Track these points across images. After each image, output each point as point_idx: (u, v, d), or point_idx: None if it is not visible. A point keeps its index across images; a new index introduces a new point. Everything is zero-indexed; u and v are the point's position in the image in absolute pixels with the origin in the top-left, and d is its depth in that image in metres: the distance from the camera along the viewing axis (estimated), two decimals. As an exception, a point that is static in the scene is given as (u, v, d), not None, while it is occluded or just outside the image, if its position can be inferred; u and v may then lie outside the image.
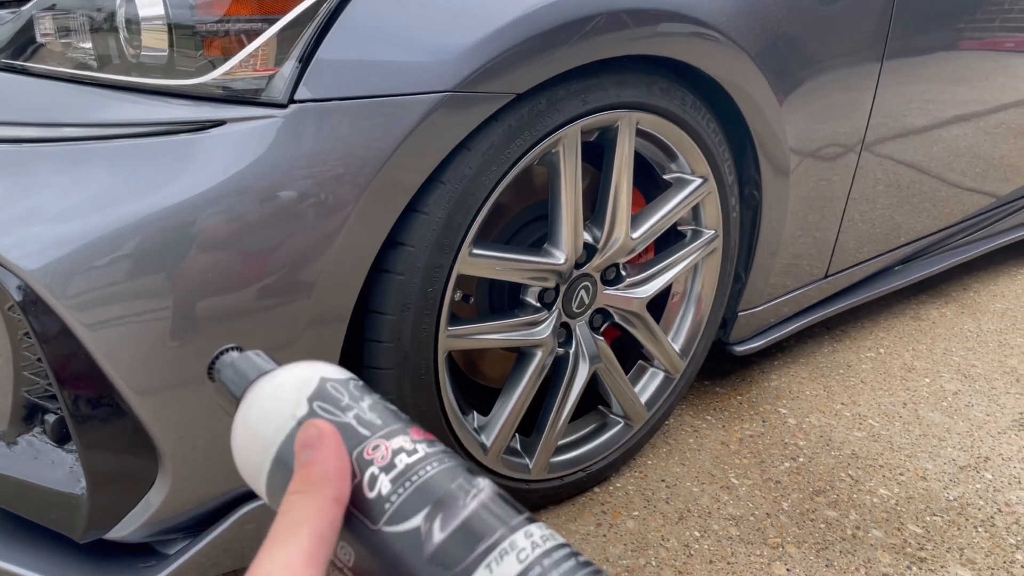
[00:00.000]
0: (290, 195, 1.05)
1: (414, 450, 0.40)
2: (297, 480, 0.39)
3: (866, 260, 2.05)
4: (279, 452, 0.43)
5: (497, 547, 0.35)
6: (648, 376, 1.61)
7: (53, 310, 1.00)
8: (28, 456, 1.15)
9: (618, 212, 1.34)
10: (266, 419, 0.44)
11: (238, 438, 0.46)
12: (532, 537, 0.36)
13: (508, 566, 0.34)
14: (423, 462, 0.39)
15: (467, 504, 0.37)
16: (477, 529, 0.36)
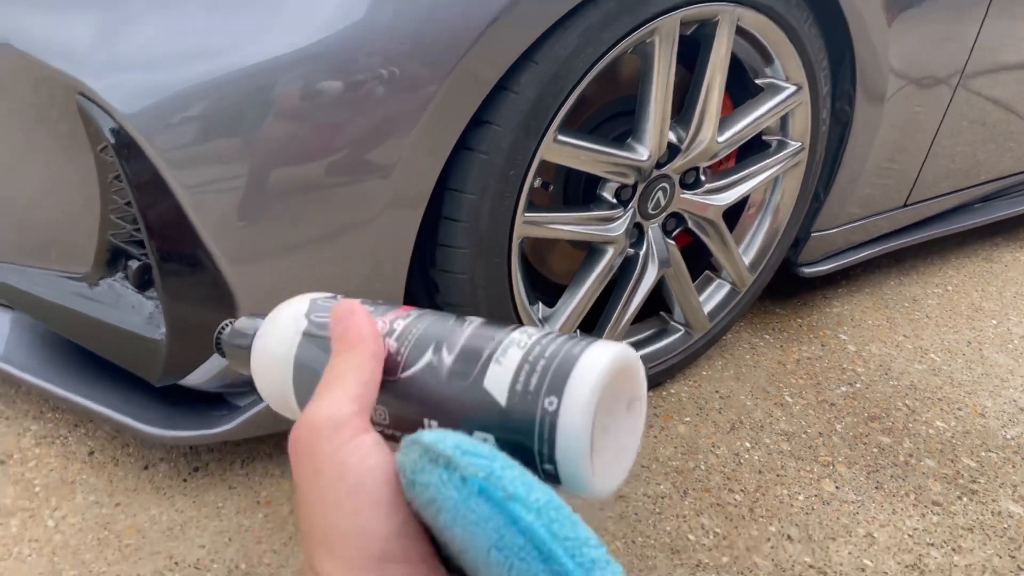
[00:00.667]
0: (376, 68, 1.04)
1: (407, 315, 0.45)
2: (337, 345, 0.43)
3: (944, 194, 1.99)
4: (296, 361, 0.47)
5: (500, 346, 0.39)
6: (714, 287, 1.60)
7: (147, 157, 1.01)
8: (109, 299, 1.18)
9: (707, 113, 1.30)
10: (275, 347, 0.49)
11: (260, 378, 0.51)
12: (526, 332, 0.40)
13: (512, 354, 0.38)
14: (416, 321, 0.44)
15: (464, 331, 0.42)
16: (478, 343, 0.41)
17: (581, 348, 0.38)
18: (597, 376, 0.36)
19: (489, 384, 0.38)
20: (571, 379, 0.36)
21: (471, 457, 0.34)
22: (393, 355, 0.43)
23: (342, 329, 0.43)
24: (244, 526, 1.19)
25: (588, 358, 0.37)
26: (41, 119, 1.11)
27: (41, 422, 1.32)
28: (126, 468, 1.26)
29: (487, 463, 0.33)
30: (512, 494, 0.32)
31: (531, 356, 0.38)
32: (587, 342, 0.38)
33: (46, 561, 1.10)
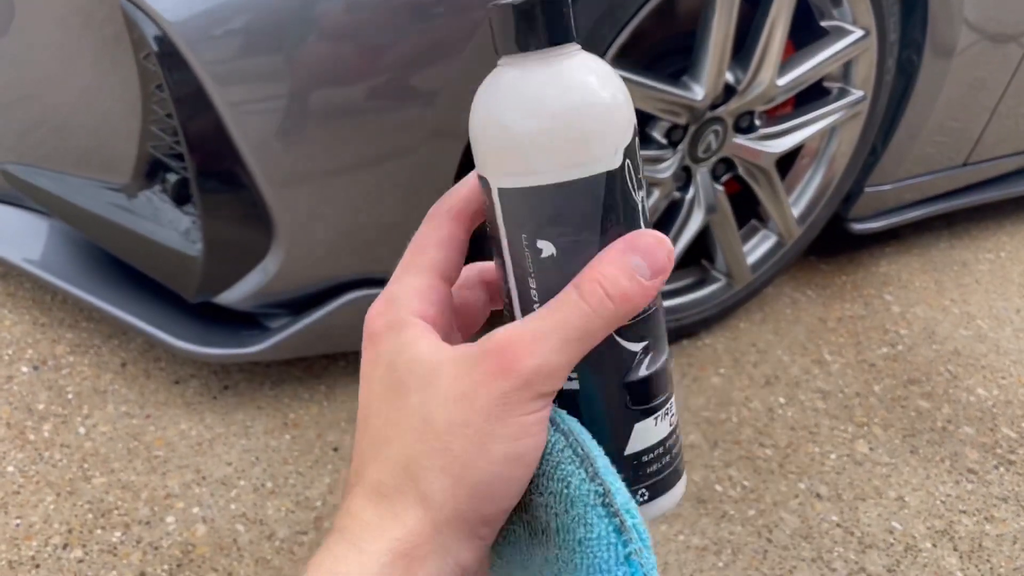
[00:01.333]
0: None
1: None
2: (614, 292, 0.34)
3: (1005, 156, 1.91)
4: (574, 184, 0.34)
5: (664, 406, 0.38)
6: (759, 237, 1.56)
7: (190, 68, 0.99)
8: (147, 212, 1.17)
9: (768, 53, 1.25)
10: (588, 125, 0.34)
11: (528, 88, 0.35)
12: (674, 405, 0.40)
13: (664, 426, 0.39)
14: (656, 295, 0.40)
15: (665, 350, 0.39)
16: (661, 382, 0.38)
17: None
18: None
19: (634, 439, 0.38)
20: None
21: (637, 527, 0.33)
22: None
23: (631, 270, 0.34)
24: (271, 446, 1.19)
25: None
26: (87, 23, 1.09)
27: (76, 331, 1.33)
28: (157, 381, 1.26)
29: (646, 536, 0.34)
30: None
31: (669, 441, 0.40)
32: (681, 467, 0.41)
33: (76, 467, 1.11)
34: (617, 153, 0.35)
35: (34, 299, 1.37)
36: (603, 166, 0.34)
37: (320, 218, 1.11)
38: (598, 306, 0.33)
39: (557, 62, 0.35)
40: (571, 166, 0.34)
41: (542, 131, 0.34)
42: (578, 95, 0.34)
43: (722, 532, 1.17)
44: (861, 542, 1.18)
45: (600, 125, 0.34)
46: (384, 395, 0.35)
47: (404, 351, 0.35)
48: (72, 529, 1.03)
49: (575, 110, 0.34)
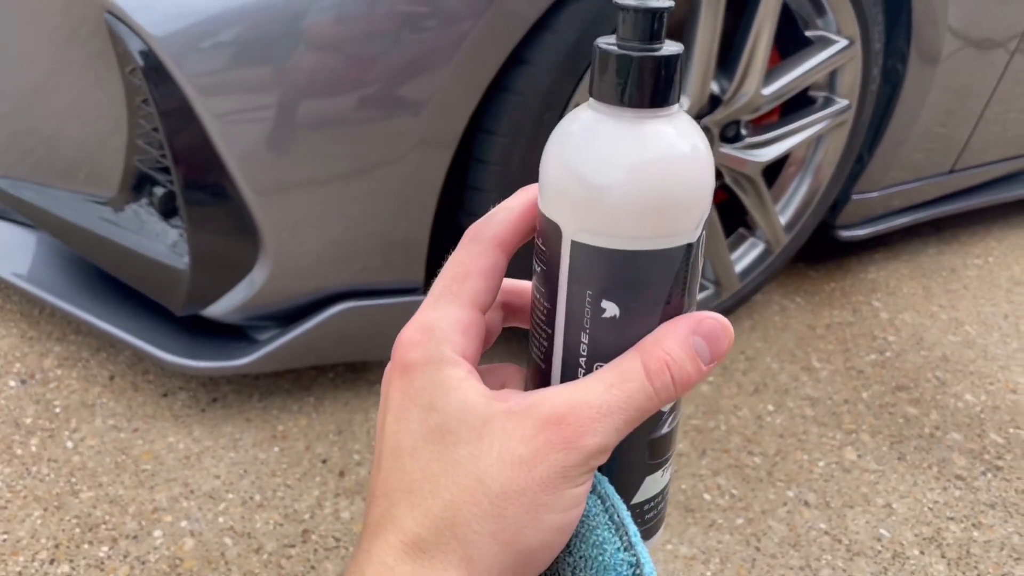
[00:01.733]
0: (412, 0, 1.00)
1: None
2: (679, 378, 0.33)
3: (992, 162, 1.92)
4: (659, 253, 0.33)
5: (671, 457, 0.39)
6: (747, 245, 1.57)
7: (175, 82, 0.99)
8: (133, 225, 1.17)
9: (753, 63, 1.25)
10: (684, 197, 0.33)
11: (624, 146, 0.32)
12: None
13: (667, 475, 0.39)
14: None
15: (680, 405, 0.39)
16: (676, 436, 0.39)
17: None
18: None
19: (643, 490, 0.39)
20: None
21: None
22: None
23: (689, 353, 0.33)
24: (260, 459, 1.19)
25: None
26: (72, 37, 1.09)
27: (64, 344, 1.32)
28: (145, 394, 1.26)
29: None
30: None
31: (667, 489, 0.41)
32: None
33: (64, 481, 1.11)
34: (699, 227, 0.34)
35: (22, 312, 1.37)
36: (686, 239, 0.33)
37: (307, 230, 1.11)
38: (662, 389, 0.33)
39: (661, 123, 0.32)
40: (658, 236, 0.33)
41: (637, 196, 0.32)
42: (679, 165, 0.33)
43: (710, 541, 1.18)
44: (849, 550, 1.19)
45: (693, 199, 0.33)
46: (425, 437, 0.33)
47: (449, 394, 0.33)
48: (59, 544, 1.03)
49: (674, 180, 0.32)
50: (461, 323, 0.35)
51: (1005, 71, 1.67)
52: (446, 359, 0.34)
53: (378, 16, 1.01)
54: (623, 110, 0.32)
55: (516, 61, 1.08)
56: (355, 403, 1.32)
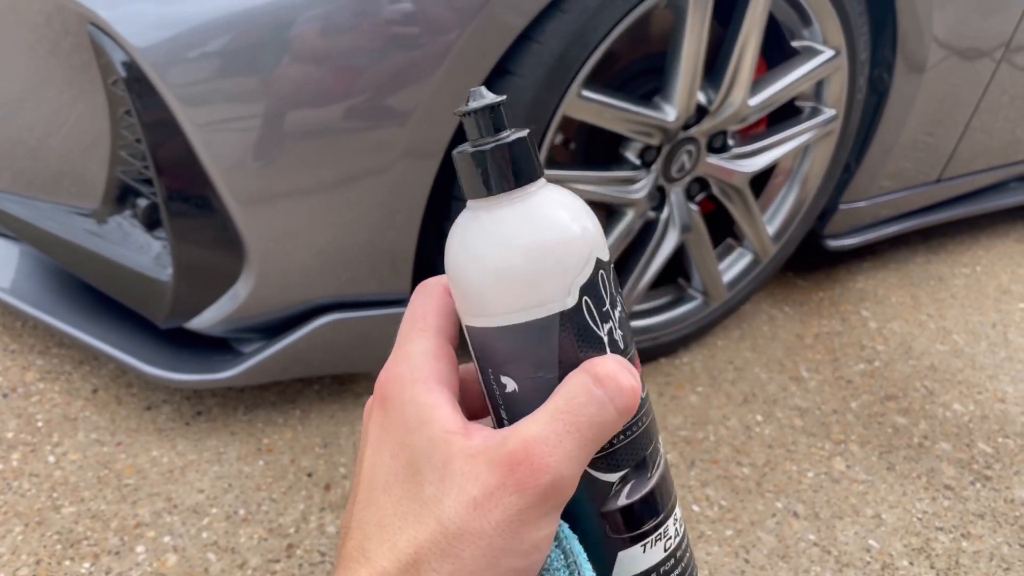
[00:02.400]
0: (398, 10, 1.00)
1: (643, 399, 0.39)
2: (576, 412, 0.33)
3: (979, 172, 1.93)
4: (529, 325, 0.35)
5: (655, 532, 0.38)
6: (735, 256, 1.56)
7: (158, 93, 0.98)
8: (117, 237, 1.16)
9: (739, 73, 1.25)
10: (533, 270, 0.34)
11: (476, 237, 0.35)
12: (676, 523, 0.39)
13: (656, 552, 0.37)
14: (642, 414, 0.38)
15: (652, 476, 0.38)
16: (648, 509, 0.37)
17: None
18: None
19: (620, 567, 0.38)
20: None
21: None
22: None
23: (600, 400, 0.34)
24: (244, 472, 1.18)
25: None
26: (54, 50, 1.08)
27: (46, 357, 1.31)
28: (129, 408, 1.25)
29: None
30: None
31: (666, 566, 0.39)
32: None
33: (45, 496, 1.09)
34: (571, 293, 0.34)
35: (3, 325, 1.36)
36: (555, 307, 0.34)
37: (292, 241, 1.10)
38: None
39: (510, 204, 0.35)
40: (519, 310, 0.34)
41: (489, 277, 0.34)
42: (524, 240, 0.34)
43: (699, 553, 1.17)
44: (838, 561, 1.18)
45: (547, 270, 0.34)
46: (396, 473, 0.34)
47: (421, 429, 0.34)
48: (40, 560, 1.02)
49: (521, 254, 0.34)
50: (432, 350, 0.37)
51: (991, 81, 1.68)
52: (421, 384, 0.35)
53: (364, 27, 1.01)
54: (488, 200, 0.35)
55: (502, 72, 1.08)
56: (341, 416, 1.31)
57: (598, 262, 0.35)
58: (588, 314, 0.35)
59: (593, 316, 0.35)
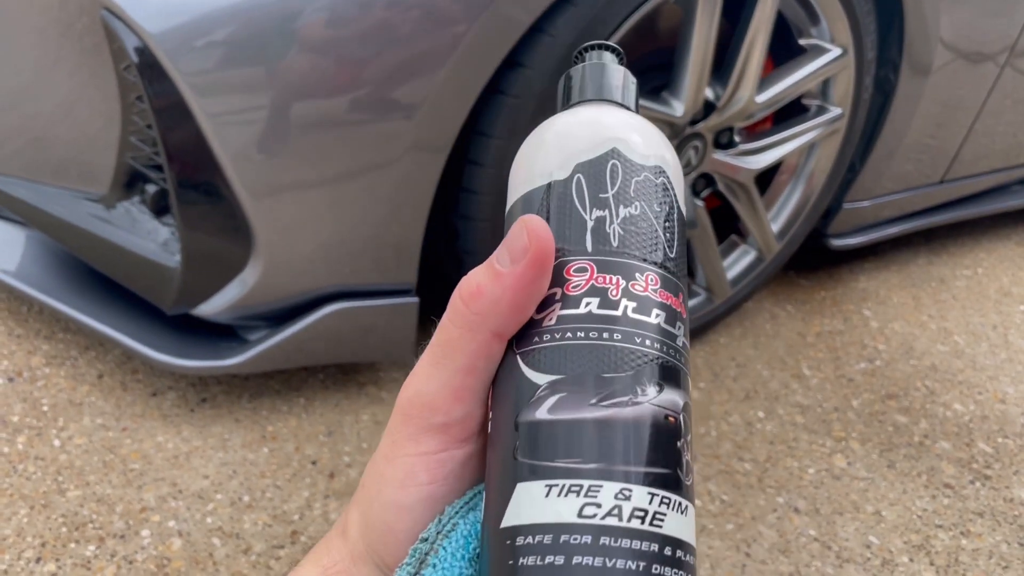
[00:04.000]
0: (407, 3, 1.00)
1: (616, 304, 0.31)
2: (464, 290, 0.31)
3: (982, 174, 1.93)
4: (525, 196, 0.34)
5: (570, 478, 0.28)
6: (739, 252, 1.57)
7: (170, 79, 0.99)
8: (125, 222, 1.17)
9: (747, 70, 1.26)
10: (543, 150, 0.35)
11: (528, 144, 0.36)
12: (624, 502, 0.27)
13: (565, 507, 0.27)
14: (613, 324, 0.30)
15: (598, 406, 0.29)
16: (575, 442, 0.29)
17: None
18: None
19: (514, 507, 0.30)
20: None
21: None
22: (541, 328, 0.31)
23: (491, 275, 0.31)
24: (249, 459, 1.18)
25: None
26: (66, 33, 1.09)
27: (52, 342, 1.31)
28: (134, 394, 1.25)
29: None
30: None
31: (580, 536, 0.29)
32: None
33: (50, 480, 1.10)
34: (565, 167, 0.33)
35: (10, 310, 1.36)
36: (548, 179, 0.34)
37: (299, 230, 1.11)
38: (450, 312, 0.31)
39: (574, 110, 0.37)
40: (527, 181, 0.35)
41: (519, 154, 0.36)
42: (549, 124, 0.36)
43: (700, 546, 1.18)
44: (839, 556, 1.19)
45: (551, 141, 0.35)
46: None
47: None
48: (46, 543, 1.02)
49: (551, 131, 0.35)
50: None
51: (995, 85, 1.68)
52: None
53: (373, 18, 1.01)
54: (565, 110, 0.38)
55: (512, 64, 1.08)
56: (345, 404, 1.31)
57: (614, 152, 0.34)
58: (577, 191, 0.33)
59: (583, 196, 0.33)
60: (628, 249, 0.32)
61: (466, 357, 0.31)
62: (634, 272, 0.31)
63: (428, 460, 0.31)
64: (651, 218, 0.33)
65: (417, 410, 0.31)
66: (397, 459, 0.31)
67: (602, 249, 0.31)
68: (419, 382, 0.31)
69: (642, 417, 0.29)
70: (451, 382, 0.31)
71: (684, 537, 0.28)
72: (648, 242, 0.32)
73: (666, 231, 0.33)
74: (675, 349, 0.32)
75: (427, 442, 0.31)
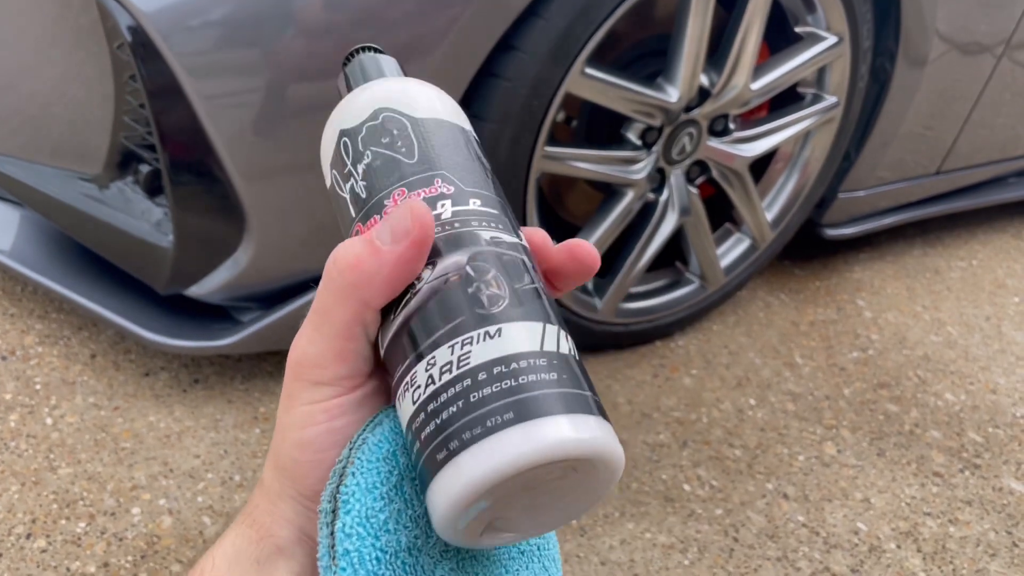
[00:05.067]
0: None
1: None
2: (334, 273, 0.33)
3: (978, 166, 1.93)
4: (337, 143, 0.38)
5: (404, 379, 0.31)
6: (733, 241, 1.57)
7: (164, 60, 0.99)
8: (118, 202, 1.17)
9: (742, 57, 1.26)
10: (344, 109, 0.39)
11: (327, 126, 0.40)
12: (432, 368, 0.30)
13: (406, 403, 0.31)
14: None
15: (397, 315, 0.32)
16: (394, 349, 0.32)
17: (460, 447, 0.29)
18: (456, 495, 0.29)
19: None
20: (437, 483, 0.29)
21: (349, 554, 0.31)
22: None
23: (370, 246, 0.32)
24: (240, 440, 1.19)
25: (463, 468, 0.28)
26: (62, 12, 1.09)
27: (45, 321, 1.32)
28: (127, 373, 1.26)
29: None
30: None
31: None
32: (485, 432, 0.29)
33: (42, 457, 1.10)
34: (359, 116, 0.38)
35: (3, 289, 1.36)
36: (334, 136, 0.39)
37: (292, 213, 1.11)
38: (326, 278, 0.33)
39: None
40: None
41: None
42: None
43: (689, 530, 1.18)
44: (826, 542, 1.19)
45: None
46: None
47: None
48: (36, 519, 1.03)
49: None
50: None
51: (991, 76, 1.68)
52: None
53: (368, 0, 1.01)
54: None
55: (506, 47, 1.08)
56: (338, 387, 1.32)
57: (342, 132, 0.38)
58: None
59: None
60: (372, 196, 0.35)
61: (342, 324, 0.33)
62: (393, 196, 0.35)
63: (324, 405, 0.33)
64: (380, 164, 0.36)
65: (306, 369, 0.33)
66: (294, 409, 0.33)
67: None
68: (304, 344, 0.33)
69: (425, 297, 0.32)
70: (332, 346, 0.33)
71: (500, 353, 0.30)
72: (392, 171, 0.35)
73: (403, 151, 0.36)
74: (441, 224, 0.33)
75: (320, 392, 0.33)
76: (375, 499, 0.31)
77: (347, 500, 0.31)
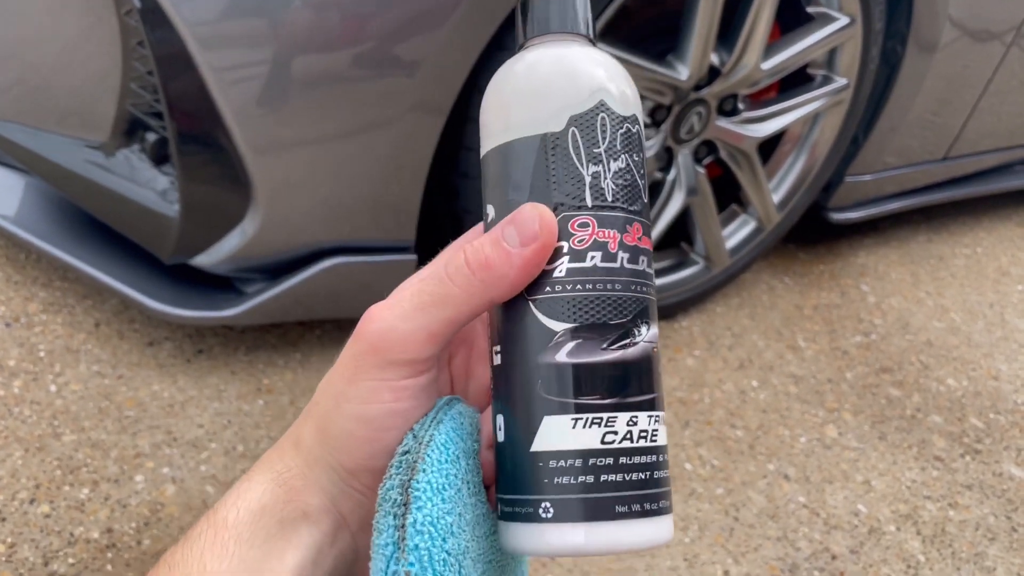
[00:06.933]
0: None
1: (615, 256, 0.35)
2: (472, 258, 0.34)
3: (985, 152, 1.93)
4: (512, 144, 0.36)
5: (593, 412, 0.34)
6: (739, 222, 1.57)
7: (173, 27, 0.98)
8: (124, 170, 1.16)
9: (753, 36, 1.25)
10: (528, 97, 0.36)
11: (504, 86, 0.37)
12: (634, 427, 0.34)
13: (590, 436, 0.33)
14: (614, 276, 0.35)
15: (610, 349, 0.34)
16: (594, 380, 0.34)
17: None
18: None
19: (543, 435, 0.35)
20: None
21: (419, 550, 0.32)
22: (553, 279, 0.35)
23: (500, 247, 0.34)
24: (244, 411, 1.19)
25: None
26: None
27: (49, 289, 1.32)
28: (131, 343, 1.26)
29: None
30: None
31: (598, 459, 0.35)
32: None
33: (46, 424, 1.10)
34: (558, 118, 0.35)
35: (8, 256, 1.36)
36: (540, 129, 0.35)
37: (299, 185, 1.10)
38: (455, 273, 0.34)
39: (542, 47, 0.37)
40: (509, 128, 0.36)
41: (492, 98, 0.37)
42: (530, 65, 0.36)
43: (689, 509, 1.19)
44: (826, 523, 1.20)
45: (537, 88, 0.35)
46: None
47: None
48: (40, 484, 1.03)
49: (524, 76, 0.36)
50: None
51: (1001, 63, 1.67)
52: None
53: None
54: (529, 43, 0.38)
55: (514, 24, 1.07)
56: (341, 361, 1.32)
57: (602, 105, 0.35)
58: (573, 146, 0.35)
59: (579, 151, 0.35)
60: (619, 203, 0.35)
61: (459, 314, 0.34)
62: (625, 224, 0.35)
63: (392, 384, 0.34)
64: (633, 170, 0.36)
65: (388, 344, 0.34)
66: (360, 382, 0.34)
67: (599, 204, 0.35)
68: (395, 319, 0.34)
69: (641, 355, 0.35)
70: (430, 327, 0.34)
71: (666, 442, 0.36)
72: (633, 194, 0.36)
73: (641, 178, 0.37)
74: (652, 287, 0.37)
75: (392, 372, 0.34)
76: (443, 501, 0.33)
77: (419, 497, 0.32)
